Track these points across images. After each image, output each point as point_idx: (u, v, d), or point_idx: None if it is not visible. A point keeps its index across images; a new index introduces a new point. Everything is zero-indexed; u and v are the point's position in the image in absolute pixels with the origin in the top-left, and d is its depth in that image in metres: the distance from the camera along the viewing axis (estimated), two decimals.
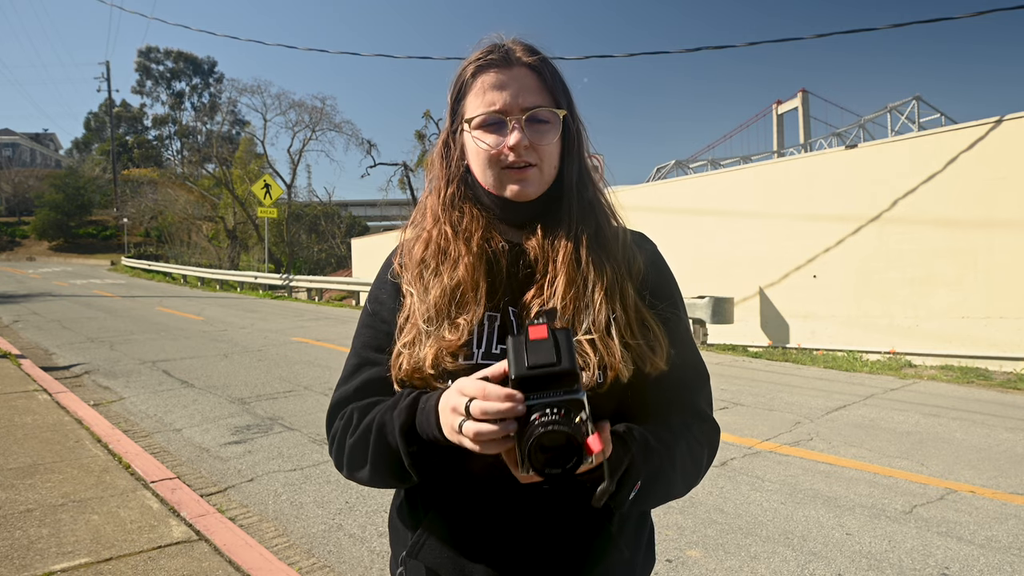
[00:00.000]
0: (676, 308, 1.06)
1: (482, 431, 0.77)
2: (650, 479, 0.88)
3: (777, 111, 49.50)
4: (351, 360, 1.07)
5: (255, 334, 11.10)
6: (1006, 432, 5.33)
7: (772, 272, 10.94)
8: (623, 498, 0.85)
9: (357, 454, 0.97)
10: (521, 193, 0.99)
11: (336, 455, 1.02)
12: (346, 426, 1.00)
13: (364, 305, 1.11)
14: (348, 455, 0.98)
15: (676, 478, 0.94)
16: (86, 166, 56.37)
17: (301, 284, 21.08)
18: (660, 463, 0.90)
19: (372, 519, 3.58)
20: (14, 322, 12.47)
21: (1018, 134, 8.33)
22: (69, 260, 44.74)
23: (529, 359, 0.77)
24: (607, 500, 0.83)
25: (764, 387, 7.13)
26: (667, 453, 0.91)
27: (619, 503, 0.86)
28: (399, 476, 0.94)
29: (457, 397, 0.81)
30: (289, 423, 5.50)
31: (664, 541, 3.31)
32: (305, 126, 34.20)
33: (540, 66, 1.00)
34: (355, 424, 0.98)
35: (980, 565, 3.06)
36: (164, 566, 2.90)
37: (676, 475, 0.93)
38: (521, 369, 0.77)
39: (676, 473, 0.93)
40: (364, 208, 43.78)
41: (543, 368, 0.76)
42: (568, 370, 0.76)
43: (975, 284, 8.65)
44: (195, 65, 56.88)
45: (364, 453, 0.96)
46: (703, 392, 1.05)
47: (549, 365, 0.76)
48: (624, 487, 0.85)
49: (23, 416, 5.40)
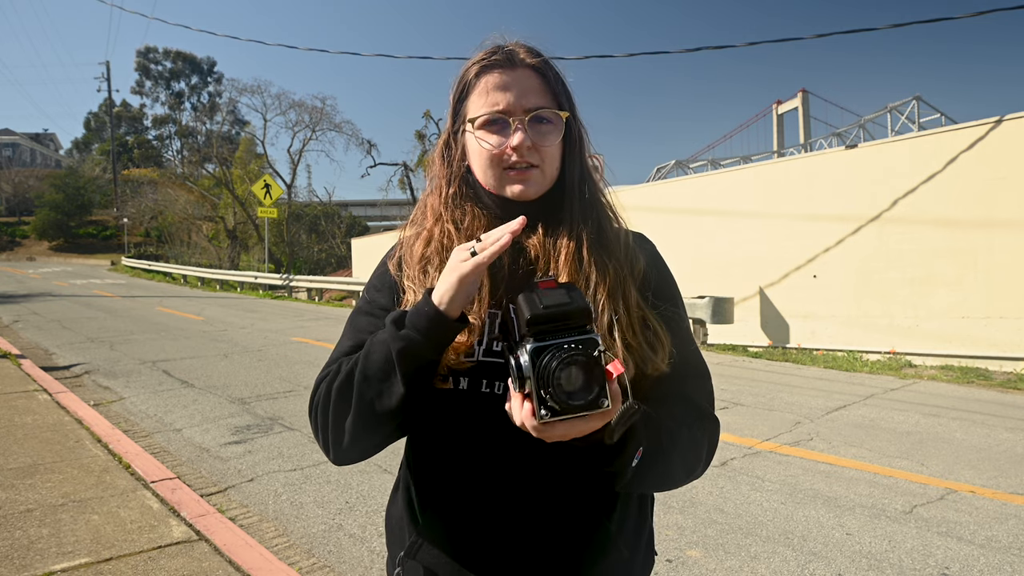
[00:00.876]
0: (677, 307, 1.06)
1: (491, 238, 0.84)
2: (650, 449, 0.87)
3: (777, 111, 49.49)
4: (344, 342, 1.04)
5: (255, 334, 11.10)
6: (1006, 432, 5.33)
7: (772, 272, 10.94)
8: (626, 462, 0.84)
9: (343, 396, 0.93)
10: (523, 194, 0.99)
11: (321, 416, 0.97)
12: (333, 376, 0.97)
13: (361, 295, 1.11)
14: (333, 403, 0.94)
15: (675, 459, 0.93)
16: (86, 166, 56.35)
17: (301, 284, 21.08)
18: (660, 438, 0.89)
19: (372, 519, 3.58)
20: (14, 322, 12.47)
21: (1018, 134, 8.33)
22: (69, 260, 44.74)
23: (543, 300, 0.78)
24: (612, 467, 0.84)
25: (764, 387, 7.13)
26: (667, 431, 0.91)
27: (622, 467, 0.85)
28: (384, 395, 0.90)
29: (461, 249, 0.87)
30: (289, 423, 5.50)
31: (664, 541, 3.31)
32: (305, 126, 34.24)
33: (543, 68, 1.00)
34: (342, 370, 0.96)
35: (980, 565, 3.06)
36: (164, 566, 2.90)
37: (675, 456, 0.92)
38: (536, 309, 0.78)
39: (676, 454, 0.92)
40: (364, 208, 43.77)
41: (557, 307, 0.78)
42: (582, 307, 0.78)
43: (975, 284, 8.65)
44: (194, 65, 56.88)
45: (350, 389, 0.92)
46: (704, 388, 1.05)
47: (562, 304, 0.78)
48: (627, 450, 0.84)
49: (23, 416, 5.40)
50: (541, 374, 0.75)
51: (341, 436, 0.95)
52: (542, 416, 0.75)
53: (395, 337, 0.88)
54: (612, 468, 0.86)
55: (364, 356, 0.92)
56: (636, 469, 0.86)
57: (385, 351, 0.89)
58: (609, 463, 0.85)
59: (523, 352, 0.76)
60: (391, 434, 0.96)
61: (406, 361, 0.87)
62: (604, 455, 0.84)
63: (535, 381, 0.75)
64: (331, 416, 0.95)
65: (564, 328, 0.77)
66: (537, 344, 0.76)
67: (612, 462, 0.85)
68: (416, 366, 0.88)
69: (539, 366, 0.75)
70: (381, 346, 0.90)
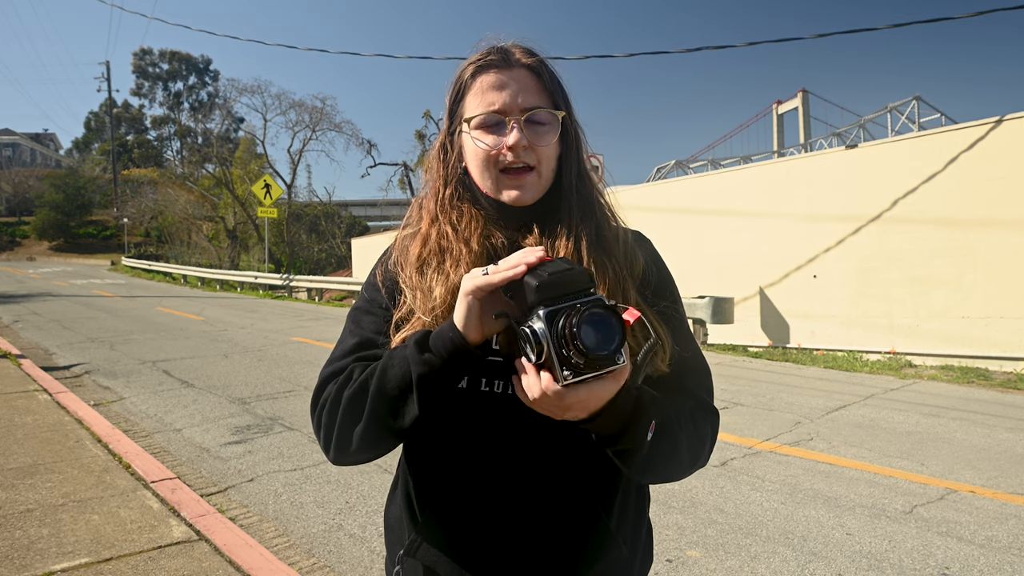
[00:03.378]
0: (676, 306, 1.06)
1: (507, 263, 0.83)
2: (661, 428, 0.87)
3: (777, 111, 49.48)
4: (348, 340, 1.04)
5: (255, 334, 11.10)
6: (1006, 432, 5.33)
7: (772, 272, 10.93)
8: (641, 435, 0.84)
9: (354, 405, 0.93)
10: (519, 199, 0.99)
11: (327, 419, 0.96)
12: (345, 381, 0.96)
13: (360, 294, 1.10)
14: (343, 410, 0.94)
15: (682, 440, 0.92)
16: (86, 166, 56.34)
17: (301, 284, 21.07)
18: (667, 416, 0.89)
19: (372, 519, 3.58)
20: (14, 322, 12.47)
21: (1018, 134, 8.33)
22: (69, 260, 44.75)
23: (546, 270, 0.80)
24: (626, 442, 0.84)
25: (764, 387, 7.13)
26: (674, 412, 0.92)
27: (637, 442, 0.84)
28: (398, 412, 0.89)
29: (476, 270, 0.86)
30: (289, 423, 5.50)
31: (664, 541, 3.31)
32: (305, 126, 34.21)
33: (539, 68, 1.01)
34: (356, 377, 0.95)
35: (980, 565, 3.06)
36: (164, 566, 2.90)
37: (683, 437, 0.92)
38: (541, 278, 0.79)
39: (683, 435, 0.92)
40: (364, 208, 43.76)
41: (561, 273, 0.79)
42: (583, 271, 0.81)
43: (975, 284, 8.65)
44: (190, 64, 56.90)
45: (363, 400, 0.92)
46: (704, 382, 1.05)
47: (565, 270, 0.80)
48: (641, 423, 0.84)
49: (23, 416, 5.40)
50: (560, 334, 0.76)
51: (347, 443, 0.95)
52: (565, 378, 0.76)
53: (417, 361, 0.87)
54: (626, 444, 0.85)
55: (381, 370, 0.91)
56: (649, 445, 0.85)
57: (404, 371, 0.88)
58: (625, 437, 0.84)
59: (536, 320, 0.78)
60: (398, 444, 0.97)
61: (426, 386, 0.87)
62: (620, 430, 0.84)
63: (554, 344, 0.76)
64: (339, 421, 0.95)
65: (570, 293, 0.79)
66: (549, 308, 0.77)
67: (627, 435, 0.84)
68: (434, 391, 0.88)
69: (556, 328, 0.76)
70: (401, 364, 0.89)
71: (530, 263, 0.80)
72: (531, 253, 0.82)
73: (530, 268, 0.81)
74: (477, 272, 0.85)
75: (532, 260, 0.81)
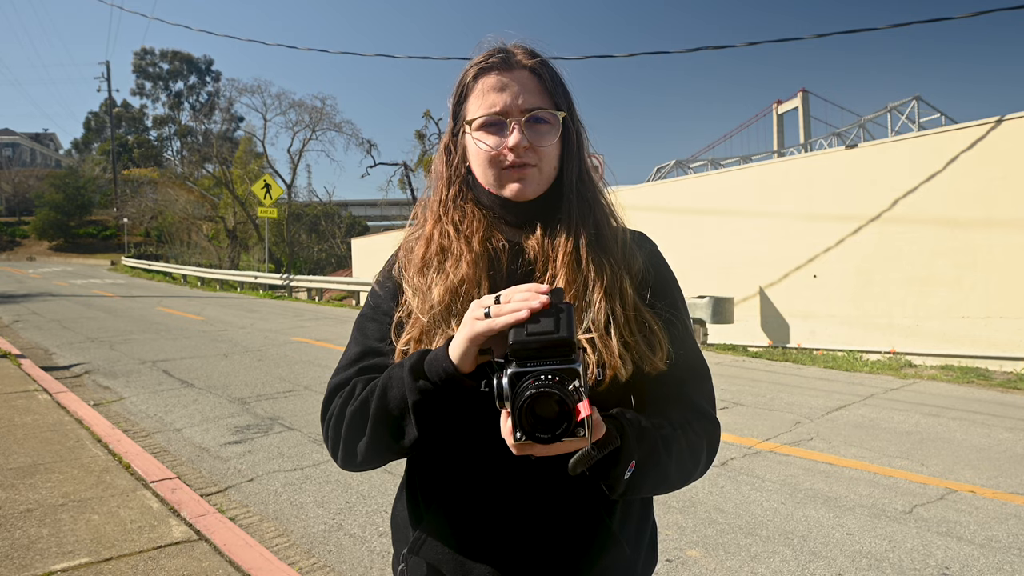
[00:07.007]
0: (676, 307, 1.06)
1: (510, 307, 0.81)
2: (644, 461, 0.88)
3: (777, 111, 49.51)
4: (353, 348, 1.06)
5: (255, 334, 11.10)
6: (1006, 432, 5.33)
7: (772, 272, 10.94)
8: (618, 476, 0.85)
9: (357, 422, 0.95)
10: (520, 193, 1.00)
11: (333, 432, 0.99)
12: (348, 396, 0.98)
13: (366, 300, 1.12)
14: (347, 426, 0.96)
15: (671, 466, 0.93)
16: (86, 166, 56.34)
17: (301, 284, 21.08)
18: (654, 447, 0.89)
19: (372, 519, 3.59)
20: (14, 322, 12.47)
21: (1018, 134, 8.33)
22: (69, 260, 44.75)
23: (528, 327, 0.79)
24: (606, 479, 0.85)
25: (764, 387, 7.13)
26: (662, 439, 0.91)
27: (615, 481, 0.85)
28: (398, 433, 0.91)
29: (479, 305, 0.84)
30: (289, 423, 5.50)
31: (664, 541, 3.31)
32: (305, 126, 34.23)
33: (540, 68, 1.01)
34: (358, 393, 0.97)
35: (980, 565, 3.06)
36: (164, 566, 2.90)
37: (671, 462, 0.92)
38: (520, 336, 0.78)
39: (672, 460, 0.92)
40: (364, 208, 43.79)
41: (541, 336, 0.78)
42: (565, 339, 0.78)
43: (975, 284, 8.65)
44: (191, 64, 56.90)
45: (364, 418, 0.94)
46: (703, 389, 1.05)
47: (547, 333, 0.78)
48: (619, 465, 0.84)
49: (23, 416, 5.40)
50: (516, 400, 0.76)
51: (353, 455, 0.98)
52: (517, 438, 0.77)
53: (412, 388, 0.88)
54: (606, 481, 0.86)
55: (381, 390, 0.93)
56: (629, 481, 0.86)
57: (402, 394, 0.90)
58: (605, 477, 0.86)
59: (505, 375, 0.78)
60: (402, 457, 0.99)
61: (422, 411, 0.88)
62: (595, 469, 0.84)
63: (512, 404, 0.76)
64: (343, 436, 0.97)
65: (546, 358, 0.78)
66: (517, 369, 0.77)
67: (606, 476, 0.85)
68: (431, 416, 0.89)
69: (516, 391, 0.76)
70: (398, 386, 0.90)
71: (533, 309, 0.79)
72: (535, 296, 0.80)
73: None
74: (480, 311, 0.83)
75: (536, 306, 0.79)
